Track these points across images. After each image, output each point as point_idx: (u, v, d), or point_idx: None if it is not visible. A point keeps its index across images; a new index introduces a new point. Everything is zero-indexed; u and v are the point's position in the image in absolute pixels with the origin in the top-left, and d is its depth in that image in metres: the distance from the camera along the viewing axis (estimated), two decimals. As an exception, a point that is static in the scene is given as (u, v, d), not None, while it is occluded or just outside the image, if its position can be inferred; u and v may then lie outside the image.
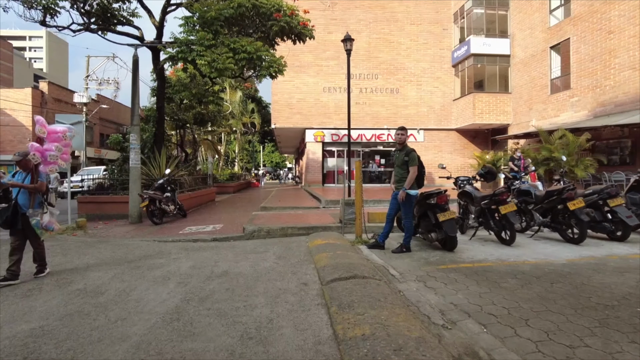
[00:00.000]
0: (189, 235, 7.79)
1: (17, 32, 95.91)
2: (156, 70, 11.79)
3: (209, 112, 15.80)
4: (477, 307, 3.45)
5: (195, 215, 11.26)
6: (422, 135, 23.93)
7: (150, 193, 9.45)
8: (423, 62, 23.95)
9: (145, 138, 13.13)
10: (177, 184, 11.66)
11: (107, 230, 8.96)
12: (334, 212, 10.10)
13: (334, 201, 12.00)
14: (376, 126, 23.40)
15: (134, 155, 9.88)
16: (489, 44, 21.92)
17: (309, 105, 23.06)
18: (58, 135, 5.18)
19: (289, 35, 11.45)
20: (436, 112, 23.96)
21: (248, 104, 31.10)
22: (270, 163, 75.28)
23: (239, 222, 9.15)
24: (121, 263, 5.63)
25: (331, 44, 23.22)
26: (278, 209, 11.43)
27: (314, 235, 6.74)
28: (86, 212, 10.93)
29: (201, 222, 9.78)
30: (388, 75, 23.69)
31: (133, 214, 9.87)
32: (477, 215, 6.53)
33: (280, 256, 5.58)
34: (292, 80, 22.81)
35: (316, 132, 23.11)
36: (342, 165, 23.98)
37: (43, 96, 27.04)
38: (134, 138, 9.88)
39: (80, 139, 9.60)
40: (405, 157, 5.56)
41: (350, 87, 13.39)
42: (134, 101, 9.94)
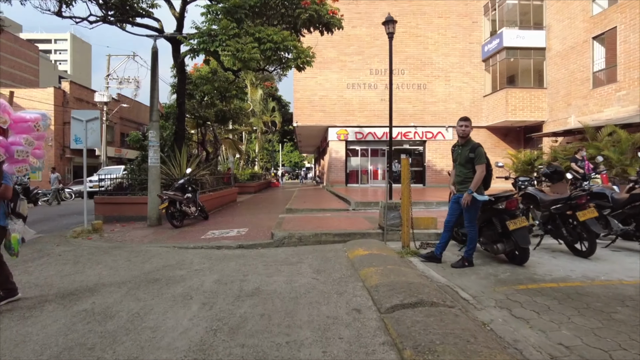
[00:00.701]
0: (212, 241, 7.08)
1: (43, 36, 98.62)
2: (176, 64, 11.17)
3: (230, 109, 15.17)
4: (603, 354, 2.56)
5: (217, 217, 10.59)
6: (451, 133, 22.78)
7: (170, 194, 8.80)
8: (452, 57, 22.83)
9: (165, 136, 12.57)
10: (198, 184, 11.02)
11: (124, 234, 8.34)
12: (368, 216, 9.24)
13: (365, 203, 11.14)
14: (402, 124, 22.39)
15: (152, 154, 9.26)
16: (522, 37, 20.65)
17: (332, 102, 22.24)
18: (28, 124, 3.93)
19: (316, 25, 10.66)
20: (465, 109, 22.77)
21: (269, 102, 30.50)
22: (289, 163, 74.86)
23: (265, 226, 8.40)
24: (137, 275, 4.93)
25: (355, 39, 22.37)
26: (304, 211, 10.65)
27: (353, 244, 5.92)
28: (103, 213, 10.39)
29: (224, 225, 9.08)
30: (415, 70, 22.67)
31: (152, 216, 9.25)
32: (544, 222, 5.59)
33: (319, 269, 4.77)
34: (314, 77, 22.04)
35: (339, 130, 22.28)
36: (366, 164, 23.09)
37: (65, 96, 27.03)
38: (153, 135, 9.26)
39: (97, 135, 9.01)
40: (470, 153, 4.65)
41: (392, 78, 12.44)
42: (153, 96, 9.32)
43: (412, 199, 5.42)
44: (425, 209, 10.87)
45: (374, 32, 22.44)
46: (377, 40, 22.45)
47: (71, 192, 21.79)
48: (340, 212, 10.50)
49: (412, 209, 5.61)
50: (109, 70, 27.29)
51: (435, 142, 22.82)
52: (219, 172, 16.05)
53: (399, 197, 5.60)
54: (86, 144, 9.12)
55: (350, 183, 22.82)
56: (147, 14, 10.78)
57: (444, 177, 22.75)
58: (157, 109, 9.30)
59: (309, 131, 24.69)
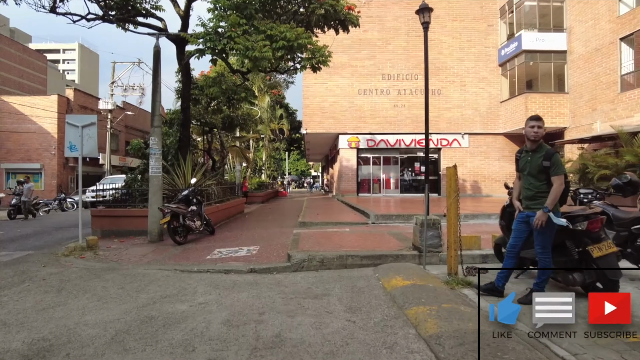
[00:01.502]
0: (219, 262, 6.17)
1: (52, 46, 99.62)
2: (181, 66, 10.40)
3: (238, 115, 14.36)
4: None
5: (224, 232, 9.69)
6: (467, 140, 21.84)
7: (172, 207, 7.93)
8: (467, 61, 21.95)
9: (169, 143, 11.77)
10: (203, 195, 10.16)
11: (121, 252, 7.47)
12: (392, 231, 8.29)
13: (385, 216, 10.18)
14: (416, 130, 21.46)
15: (154, 162, 8.42)
16: (542, 39, 19.75)
17: (342, 108, 21.40)
18: None
19: (331, 22, 9.85)
20: (482, 115, 21.86)
21: (276, 110, 29.76)
22: (295, 171, 74.12)
23: (278, 243, 7.49)
24: (129, 310, 4.04)
25: (367, 43, 21.59)
26: (319, 225, 9.73)
27: (386, 269, 4.99)
28: (101, 227, 9.54)
29: (232, 241, 8.18)
30: (429, 75, 21.70)
31: (152, 231, 8.38)
32: (619, 243, 4.62)
33: (352, 306, 3.85)
34: (324, 83, 21.26)
35: (350, 138, 21.39)
36: (378, 173, 22.15)
37: (69, 103, 26.48)
38: (155, 142, 8.43)
39: (94, 143, 8.18)
40: (545, 161, 3.67)
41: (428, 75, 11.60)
42: (155, 99, 8.51)
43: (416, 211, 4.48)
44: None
45: (385, 36, 21.69)
46: (389, 45, 21.68)
47: (73, 202, 21.05)
48: (359, 226, 9.56)
49: (457, 226, 4.67)
50: (113, 78, 26.74)
51: (450, 150, 21.85)
52: (226, 182, 15.21)
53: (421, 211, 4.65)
54: (82, 152, 8.30)
55: (361, 192, 21.87)
56: (149, 14, 10.05)
57: (460, 186, 21.66)
58: (159, 114, 8.49)
59: (318, 139, 23.83)
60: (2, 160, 25.99)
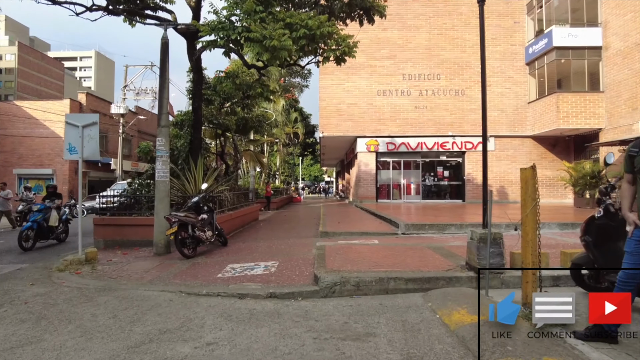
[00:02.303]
0: (232, 281, 5.23)
1: (69, 54, 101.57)
2: (192, 62, 9.57)
3: (253, 117, 13.50)
4: None
5: (238, 243, 8.76)
6: (493, 144, 20.62)
7: (180, 216, 7.04)
8: (492, 60, 20.73)
9: (179, 146, 10.94)
10: (215, 202, 9.27)
11: (122, 267, 6.59)
12: (429, 243, 7.23)
13: (417, 225, 9.09)
14: (439, 133, 20.38)
15: (161, 166, 7.56)
16: (575, 35, 18.49)
17: (361, 110, 20.42)
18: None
19: (356, 11, 8.91)
20: (508, 117, 20.64)
21: (291, 113, 28.94)
22: (309, 177, 73.36)
23: (300, 257, 6.53)
24: (116, 351, 3.12)
25: (386, 42, 20.63)
26: (343, 235, 8.72)
27: (441, 297, 3.98)
28: (104, 237, 8.72)
29: (247, 254, 7.24)
30: (452, 75, 20.70)
31: (159, 243, 7.50)
32: None
33: (410, 355, 2.84)
34: (342, 83, 20.36)
35: (369, 141, 20.37)
36: (398, 178, 21.04)
37: (81, 107, 26.10)
38: (162, 143, 7.58)
39: (95, 144, 7.38)
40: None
41: (485, 61, 10.57)
42: (162, 95, 7.68)
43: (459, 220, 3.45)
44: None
45: (406, 35, 20.71)
46: (409, 43, 20.69)
47: (84, 209, 20.44)
48: (388, 237, 8.52)
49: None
50: (126, 81, 26.29)
51: (475, 153, 20.64)
52: (240, 187, 14.34)
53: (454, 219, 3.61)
54: (82, 155, 7.51)
55: (380, 199, 20.79)
56: (158, 7, 9.29)
57: (485, 192, 20.53)
58: (167, 112, 7.64)
59: (335, 142, 22.87)
60: (15, 165, 25.71)
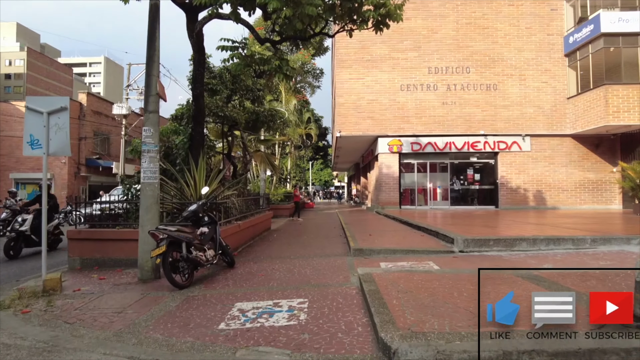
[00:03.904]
0: (241, 340, 3.35)
1: (78, 60, 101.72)
2: (192, 38, 7.79)
3: (265, 110, 11.67)
4: None
5: (248, 262, 6.88)
6: (529, 143, 18.58)
7: (170, 230, 5.18)
8: (526, 52, 18.80)
9: (178, 143, 9.17)
10: (220, 210, 7.43)
11: (91, 301, 4.76)
12: (517, 271, 5.27)
13: (479, 241, 7.07)
14: (469, 132, 18.39)
15: (148, 164, 5.75)
16: (626, 20, 16.42)
17: (382, 107, 18.52)
18: None
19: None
20: (546, 114, 18.58)
21: (304, 113, 27.12)
22: (319, 181, 71.60)
23: (337, 292, 4.63)
24: None
25: (409, 33, 18.75)
26: (384, 254, 6.78)
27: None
28: (81, 254, 6.93)
29: (261, 283, 5.36)
30: (483, 68, 18.72)
31: (144, 265, 5.67)
32: None
33: None
34: (361, 78, 18.50)
35: (392, 141, 18.44)
36: (423, 182, 19.06)
37: (81, 108, 24.61)
38: (149, 134, 5.78)
39: (65, 137, 5.61)
40: None
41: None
42: (150, 72, 5.87)
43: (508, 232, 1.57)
44: (575, 250, 6.80)
45: (431, 25, 18.82)
46: (435, 34, 18.79)
47: (80, 216, 18.76)
48: (443, 256, 6.56)
49: None
50: (128, 80, 24.75)
51: (509, 154, 18.62)
52: (249, 192, 12.51)
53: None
54: (47, 150, 5.74)
55: (403, 204, 18.81)
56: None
57: (520, 197, 18.48)
58: (156, 93, 5.83)
59: (352, 143, 20.96)
60: (12, 169, 24.25)
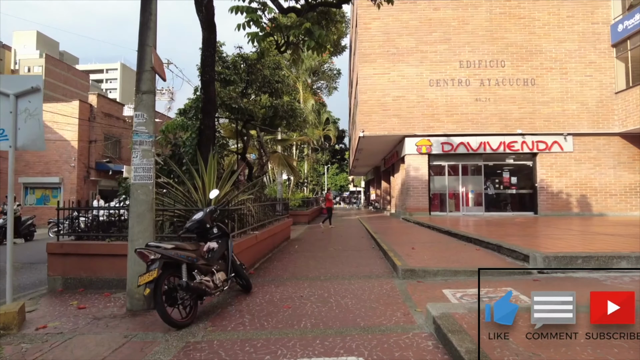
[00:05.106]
0: None
1: (95, 66, 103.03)
2: (201, 12, 6.50)
3: (284, 104, 10.32)
4: None
5: (268, 287, 5.46)
6: (571, 143, 16.83)
7: (164, 249, 3.79)
8: (568, 42, 17.11)
9: (185, 139, 7.87)
10: (234, 218, 6.06)
11: (52, 348, 3.43)
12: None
13: (564, 258, 5.49)
14: (505, 131, 16.76)
15: (139, 160, 4.44)
16: (685, 4, 14.68)
17: (409, 104, 17.03)
18: None
19: None
20: (590, 110, 16.83)
21: (322, 113, 25.76)
22: (334, 186, 70.28)
23: (403, 343, 3.23)
24: None
25: (438, 24, 17.29)
26: (441, 275, 5.30)
27: None
28: (63, 272, 5.65)
29: (290, 323, 3.93)
30: (519, 61, 17.09)
31: (134, 293, 4.34)
32: None
33: None
34: (387, 73, 17.08)
35: (420, 141, 16.91)
36: (454, 185, 17.45)
37: (92, 110, 23.76)
38: (141, 120, 4.47)
39: (37, 125, 4.41)
40: None
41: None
42: (144, 41, 4.55)
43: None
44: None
45: (462, 15, 17.31)
46: (467, 25, 17.26)
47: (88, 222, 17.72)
48: (520, 277, 5.03)
49: None
50: (140, 81, 23.78)
51: (549, 155, 16.90)
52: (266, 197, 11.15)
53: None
54: (15, 142, 4.50)
55: (432, 211, 17.23)
56: None
57: (562, 203, 16.72)
58: (150, 68, 4.51)
59: (376, 144, 19.47)
60: (21, 173, 23.46)
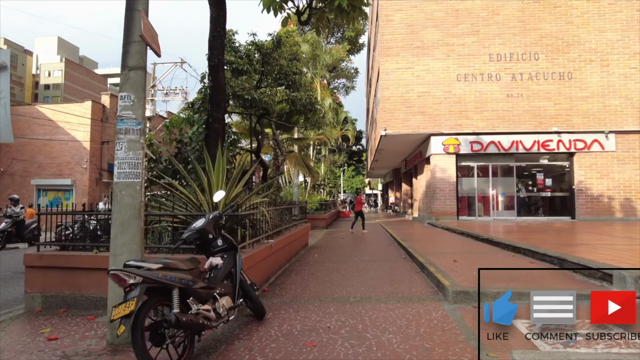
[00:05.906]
0: None
1: (114, 70, 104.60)
2: (208, -14, 5.60)
3: (302, 97, 9.35)
4: None
5: (286, 311, 4.46)
6: (613, 142, 15.43)
7: (148, 269, 2.83)
8: (610, 32, 15.74)
9: (191, 135, 6.97)
10: (246, 224, 5.09)
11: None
12: None
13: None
14: (539, 129, 15.47)
15: (124, 153, 3.53)
16: None
17: (435, 100, 15.89)
18: None
19: None
20: (635, 106, 15.42)
21: (339, 113, 24.77)
22: (350, 189, 69.19)
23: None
24: None
25: (466, 15, 16.12)
26: (512, 299, 4.29)
27: None
28: (43, 289, 4.79)
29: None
30: (554, 53, 15.78)
31: (115, 323, 3.37)
32: None
33: None
34: (410, 67, 15.98)
35: (447, 140, 15.73)
36: (484, 188, 16.20)
37: (104, 110, 23.31)
38: (127, 102, 3.56)
39: (4, 112, 3.40)
40: None
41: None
42: (132, 6, 3.62)
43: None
44: None
45: (491, 4, 16.12)
46: (497, 15, 16.06)
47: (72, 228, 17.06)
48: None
49: None
50: (153, 80, 23.27)
51: (588, 155, 15.52)
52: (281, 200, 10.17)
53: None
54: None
55: (461, 215, 16.01)
56: None
57: (603, 206, 15.30)
58: (139, 37, 3.58)
59: (398, 143, 18.33)
60: (34, 175, 23.15)
